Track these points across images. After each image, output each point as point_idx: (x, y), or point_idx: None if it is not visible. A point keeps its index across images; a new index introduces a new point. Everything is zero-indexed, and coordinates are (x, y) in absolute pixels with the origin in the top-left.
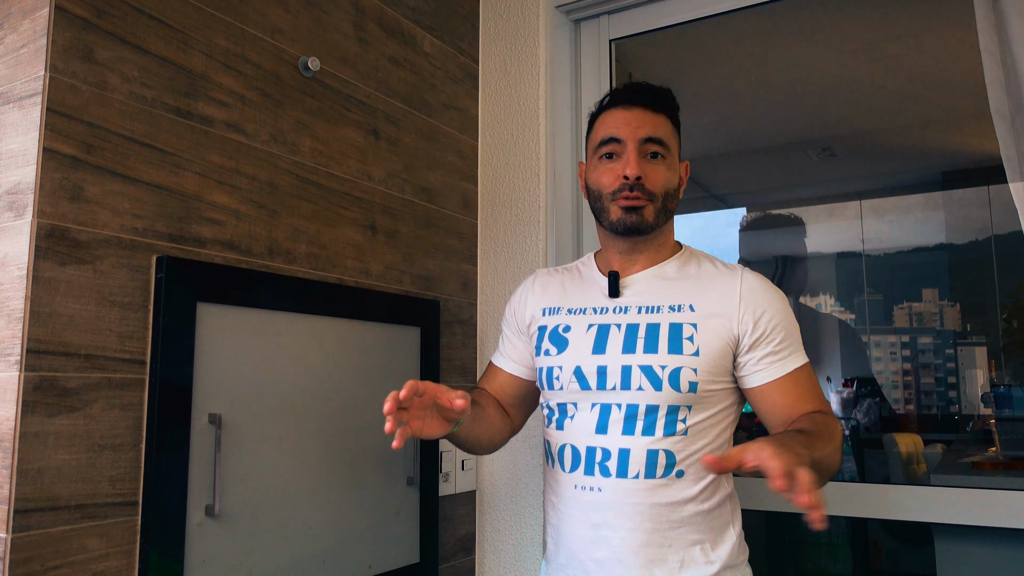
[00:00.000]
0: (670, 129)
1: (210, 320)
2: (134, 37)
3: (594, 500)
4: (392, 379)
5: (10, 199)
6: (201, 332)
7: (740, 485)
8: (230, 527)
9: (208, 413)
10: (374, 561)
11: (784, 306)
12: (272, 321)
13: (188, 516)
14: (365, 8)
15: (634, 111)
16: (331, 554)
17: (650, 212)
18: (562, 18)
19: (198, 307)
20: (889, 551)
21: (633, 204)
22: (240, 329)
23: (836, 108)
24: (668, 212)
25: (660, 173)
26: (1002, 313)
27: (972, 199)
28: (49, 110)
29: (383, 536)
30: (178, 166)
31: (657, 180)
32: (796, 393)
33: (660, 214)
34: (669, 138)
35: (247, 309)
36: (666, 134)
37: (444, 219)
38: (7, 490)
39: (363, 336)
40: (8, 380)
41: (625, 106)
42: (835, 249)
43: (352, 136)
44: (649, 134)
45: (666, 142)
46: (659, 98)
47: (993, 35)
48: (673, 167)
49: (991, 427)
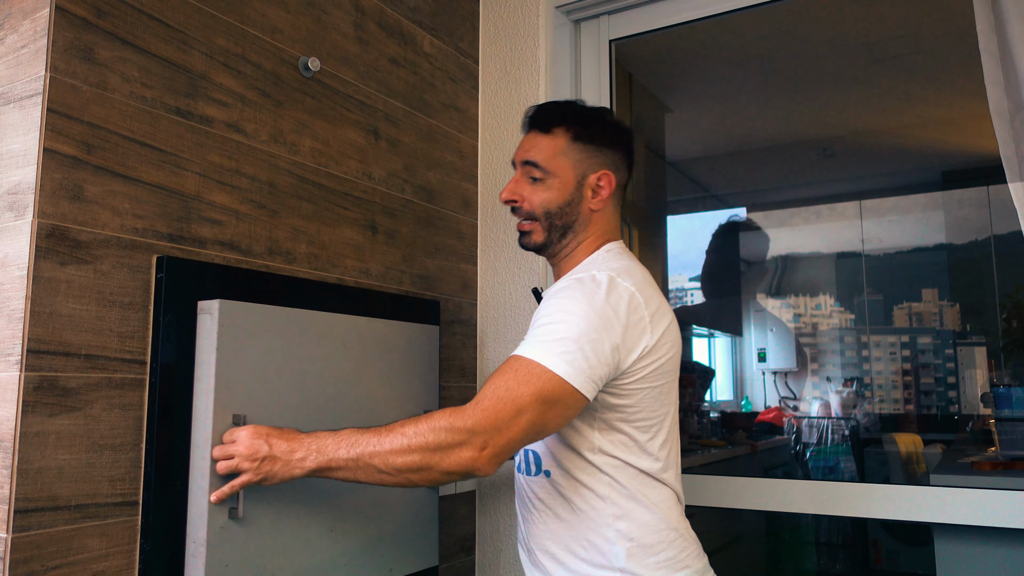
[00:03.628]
0: (559, 147)
1: (232, 318)
2: (134, 37)
3: (519, 492)
4: (412, 377)
5: (10, 199)
6: (223, 331)
7: (734, 485)
8: (253, 530)
9: (232, 414)
10: (395, 564)
11: (559, 306)
12: (294, 319)
13: (210, 519)
14: (365, 8)
15: (528, 135)
16: (353, 557)
17: (538, 234)
18: (562, 18)
19: (220, 305)
20: (889, 551)
21: (521, 228)
22: (265, 327)
23: (836, 108)
24: (560, 229)
25: (536, 194)
26: (1002, 313)
27: (972, 199)
28: (49, 110)
29: (404, 539)
30: (178, 166)
31: (533, 201)
32: (493, 375)
33: (551, 232)
34: (552, 159)
35: (269, 307)
36: (546, 155)
37: (444, 219)
38: (7, 490)
39: (384, 333)
40: (8, 380)
41: (524, 130)
42: (835, 249)
43: (352, 136)
44: (525, 158)
45: (543, 164)
46: (551, 117)
47: (993, 35)
48: (555, 186)
49: (990, 427)
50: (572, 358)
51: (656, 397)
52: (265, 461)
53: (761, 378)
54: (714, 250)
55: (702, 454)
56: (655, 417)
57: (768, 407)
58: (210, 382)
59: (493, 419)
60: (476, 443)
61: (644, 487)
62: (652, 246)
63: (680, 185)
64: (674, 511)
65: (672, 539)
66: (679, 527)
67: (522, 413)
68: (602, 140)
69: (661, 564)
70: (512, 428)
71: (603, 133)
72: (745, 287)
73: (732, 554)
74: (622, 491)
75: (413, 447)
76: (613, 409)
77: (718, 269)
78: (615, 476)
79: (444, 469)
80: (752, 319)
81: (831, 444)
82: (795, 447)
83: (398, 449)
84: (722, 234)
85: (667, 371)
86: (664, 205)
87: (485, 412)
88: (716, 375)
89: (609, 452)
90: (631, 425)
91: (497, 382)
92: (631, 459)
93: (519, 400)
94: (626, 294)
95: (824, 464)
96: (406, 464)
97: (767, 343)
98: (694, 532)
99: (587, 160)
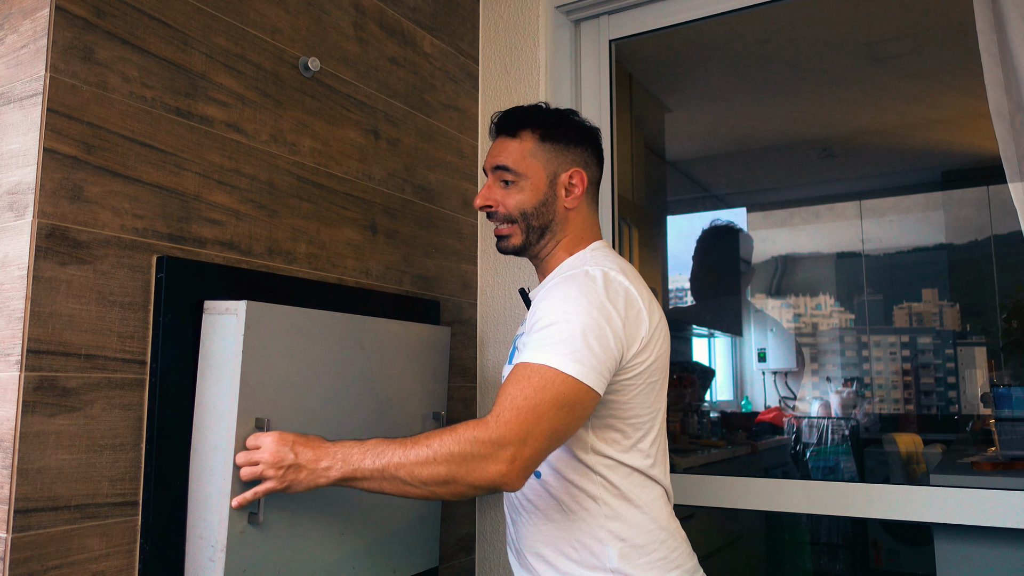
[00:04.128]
0: (527, 149)
1: (256, 319)
2: (134, 37)
3: (508, 495)
4: (427, 377)
5: (10, 199)
6: (249, 332)
7: (734, 485)
8: (270, 535)
9: (256, 418)
10: (399, 565)
11: (558, 306)
12: (313, 320)
13: (230, 525)
14: (365, 8)
15: (497, 141)
16: (360, 557)
17: (516, 237)
18: (562, 18)
19: (247, 306)
20: (889, 551)
21: (498, 233)
22: (288, 328)
23: (836, 108)
24: (538, 229)
25: (510, 197)
26: (1002, 313)
27: (972, 199)
28: (49, 110)
29: (409, 539)
30: (178, 166)
31: (508, 204)
32: (505, 385)
33: (529, 233)
34: (521, 160)
35: (292, 308)
36: (516, 158)
37: (444, 219)
38: (7, 490)
39: (399, 334)
40: (8, 380)
41: (492, 137)
42: (835, 249)
43: (352, 136)
44: (495, 163)
45: (513, 167)
46: (516, 121)
47: (993, 35)
48: (527, 187)
49: (990, 427)
50: (581, 356)
51: (649, 394)
52: (290, 469)
53: (761, 378)
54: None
55: (702, 454)
56: (648, 414)
57: (768, 407)
58: (233, 384)
59: (517, 430)
60: (504, 456)
61: (635, 487)
62: (652, 246)
63: (680, 185)
64: (664, 511)
65: (663, 539)
66: (669, 527)
67: (543, 420)
68: (569, 138)
69: (653, 564)
70: (537, 437)
71: (570, 131)
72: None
73: (732, 554)
74: (614, 491)
75: (439, 459)
76: (607, 405)
77: (704, 273)
78: (607, 476)
79: (471, 482)
80: (752, 319)
81: (831, 444)
82: (795, 447)
83: (424, 460)
84: (704, 240)
85: (660, 367)
86: (664, 205)
87: (508, 424)
88: (716, 375)
89: (602, 451)
90: (624, 422)
91: (513, 392)
92: (623, 457)
93: (539, 408)
94: (621, 288)
95: (824, 464)
96: (432, 476)
97: (767, 343)
98: (684, 532)
99: (556, 159)
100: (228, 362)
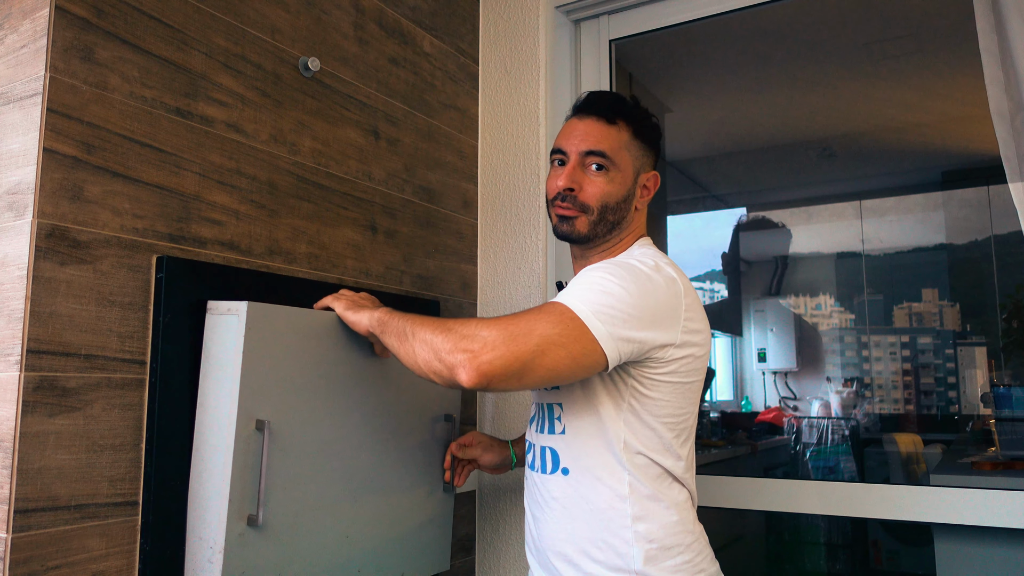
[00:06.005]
0: (623, 141)
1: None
2: (134, 37)
3: (532, 491)
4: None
5: (10, 199)
6: (251, 333)
7: (734, 485)
8: (271, 537)
9: (256, 419)
10: (407, 569)
11: (598, 276)
12: (315, 320)
13: (228, 526)
14: (365, 8)
15: (587, 121)
16: (366, 562)
17: (583, 224)
18: (562, 18)
19: (248, 307)
20: (889, 551)
21: (565, 214)
22: (289, 329)
23: (836, 108)
24: (610, 224)
25: (598, 186)
26: (1002, 313)
27: (972, 199)
28: (49, 110)
29: (417, 544)
30: (178, 166)
31: (593, 193)
32: None
33: (596, 225)
34: (617, 151)
35: (293, 308)
36: (613, 147)
37: (444, 219)
38: (7, 490)
39: None
40: (8, 380)
41: (580, 116)
42: (835, 249)
43: (352, 136)
44: (591, 147)
45: (610, 155)
46: (616, 109)
47: (993, 35)
48: (617, 180)
49: (991, 427)
50: (603, 317)
51: (684, 394)
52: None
53: (761, 378)
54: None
55: (702, 454)
56: (683, 415)
57: (768, 407)
58: (234, 385)
59: (504, 334)
60: (473, 347)
61: (665, 487)
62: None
63: (680, 185)
64: (691, 513)
65: (689, 542)
66: (695, 530)
67: (533, 335)
68: (653, 139)
69: (679, 567)
70: (520, 344)
71: (654, 132)
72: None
73: (733, 554)
74: (644, 491)
75: (440, 328)
76: (641, 402)
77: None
78: (638, 475)
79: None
80: (752, 319)
81: (831, 444)
82: (795, 447)
83: (431, 327)
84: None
85: (698, 368)
86: (664, 205)
87: (500, 322)
88: (716, 375)
89: (636, 450)
90: (660, 421)
91: (527, 312)
92: (658, 458)
93: (535, 325)
94: (667, 281)
95: (824, 464)
96: (427, 339)
97: (767, 343)
98: (707, 536)
99: (642, 158)
100: (229, 362)
